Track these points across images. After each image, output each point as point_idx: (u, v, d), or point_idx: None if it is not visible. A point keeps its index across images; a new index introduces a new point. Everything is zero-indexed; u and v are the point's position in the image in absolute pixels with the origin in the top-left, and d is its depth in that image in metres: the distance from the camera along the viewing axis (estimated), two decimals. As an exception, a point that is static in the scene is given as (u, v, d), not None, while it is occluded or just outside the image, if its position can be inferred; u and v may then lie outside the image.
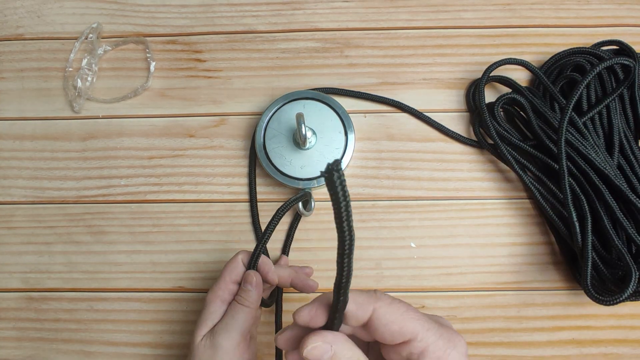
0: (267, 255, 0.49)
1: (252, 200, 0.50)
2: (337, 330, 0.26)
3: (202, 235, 0.50)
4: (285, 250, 0.49)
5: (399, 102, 0.51)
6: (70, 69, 0.54)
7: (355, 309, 0.26)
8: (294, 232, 0.49)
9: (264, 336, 0.48)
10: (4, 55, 0.55)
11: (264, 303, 0.40)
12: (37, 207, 0.51)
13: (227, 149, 0.51)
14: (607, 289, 0.41)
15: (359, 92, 0.51)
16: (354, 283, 0.48)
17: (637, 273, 0.39)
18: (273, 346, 0.47)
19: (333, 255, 0.22)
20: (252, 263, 0.38)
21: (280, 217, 0.39)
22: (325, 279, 0.48)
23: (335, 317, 0.25)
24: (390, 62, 0.53)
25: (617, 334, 0.47)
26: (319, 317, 0.27)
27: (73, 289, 0.49)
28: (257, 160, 0.50)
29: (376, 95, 0.51)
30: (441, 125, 0.50)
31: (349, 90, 0.51)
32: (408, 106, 0.51)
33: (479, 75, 0.50)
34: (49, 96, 0.53)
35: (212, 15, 0.54)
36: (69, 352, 0.48)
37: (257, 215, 0.49)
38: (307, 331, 0.26)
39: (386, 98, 0.51)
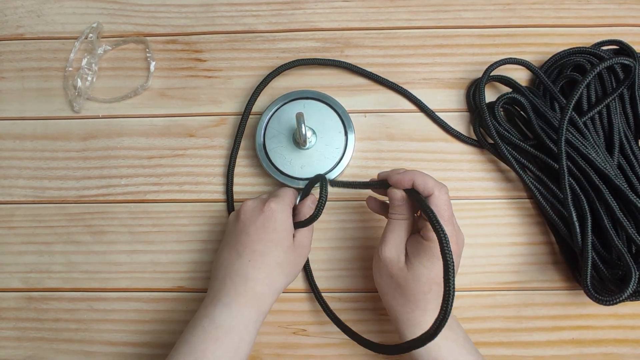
0: None
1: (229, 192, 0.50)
2: None
3: (202, 235, 0.50)
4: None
5: (405, 89, 0.51)
6: (71, 69, 0.54)
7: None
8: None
9: (263, 336, 0.48)
10: (4, 55, 0.55)
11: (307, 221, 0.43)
12: (37, 206, 0.51)
13: (228, 148, 0.51)
14: (607, 288, 0.41)
15: (365, 70, 0.51)
16: (354, 282, 0.48)
17: (637, 273, 0.39)
18: (273, 346, 0.47)
19: (333, 255, 0.22)
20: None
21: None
22: (324, 279, 0.48)
23: None
24: (390, 61, 0.53)
25: (617, 334, 0.47)
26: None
27: (73, 289, 0.49)
28: (257, 160, 0.50)
29: (383, 78, 0.51)
30: (443, 121, 0.50)
31: (353, 65, 0.52)
32: (413, 95, 0.51)
33: (479, 75, 0.50)
34: (49, 96, 0.53)
35: (212, 14, 0.54)
36: (69, 352, 0.48)
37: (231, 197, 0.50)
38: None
39: (391, 82, 0.51)
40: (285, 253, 0.41)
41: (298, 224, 0.43)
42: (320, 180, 0.43)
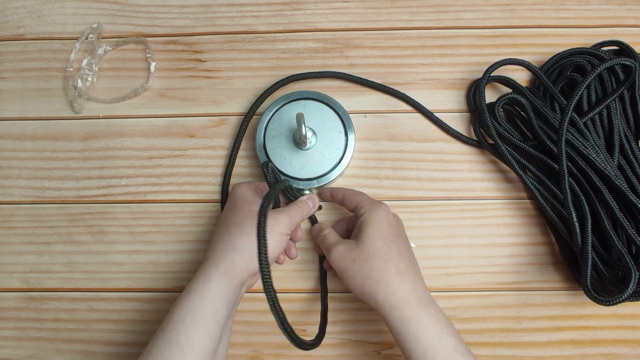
0: None
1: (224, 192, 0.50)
2: None
3: (203, 235, 0.50)
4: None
5: (403, 93, 0.51)
6: (71, 69, 0.54)
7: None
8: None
9: (263, 336, 0.48)
10: (5, 55, 0.55)
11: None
12: (38, 207, 0.51)
13: (228, 148, 0.51)
14: (607, 289, 0.41)
15: (364, 79, 0.51)
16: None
17: (637, 273, 0.39)
18: (273, 346, 0.47)
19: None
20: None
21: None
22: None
23: None
24: (390, 62, 0.53)
25: (617, 334, 0.47)
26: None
27: (73, 289, 0.49)
28: (257, 161, 0.50)
29: (381, 84, 0.51)
30: (443, 122, 0.50)
31: (352, 76, 0.52)
32: (412, 98, 0.51)
33: (479, 75, 0.50)
34: (49, 96, 0.53)
35: (212, 15, 0.55)
36: (69, 352, 0.48)
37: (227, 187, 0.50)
38: None
39: (391, 88, 0.51)
40: (246, 215, 0.41)
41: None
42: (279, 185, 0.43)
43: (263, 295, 0.48)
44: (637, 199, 0.42)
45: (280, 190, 0.42)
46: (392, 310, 0.38)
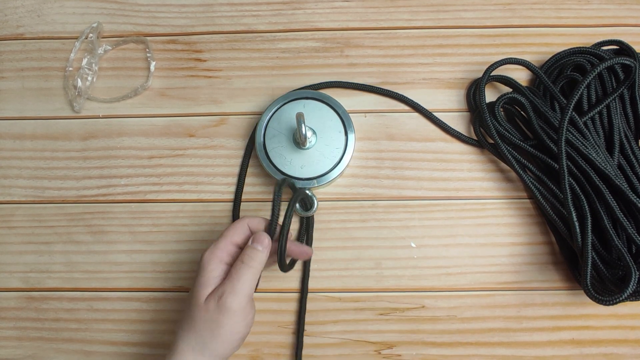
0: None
1: (237, 199, 0.50)
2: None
3: (202, 235, 0.50)
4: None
5: (402, 95, 0.51)
6: (71, 69, 0.54)
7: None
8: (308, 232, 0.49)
9: (263, 335, 0.48)
10: (5, 54, 0.55)
11: (284, 268, 0.39)
12: (37, 206, 0.51)
13: (228, 148, 0.51)
14: (607, 289, 0.41)
15: (362, 84, 0.51)
16: (354, 282, 0.48)
17: (637, 273, 0.39)
18: (273, 346, 0.47)
19: (333, 255, 0.22)
20: (271, 229, 0.38)
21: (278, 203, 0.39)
22: (325, 279, 0.48)
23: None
24: (390, 61, 0.53)
25: (617, 334, 0.47)
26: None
27: (73, 289, 0.49)
28: (257, 161, 0.50)
29: (379, 87, 0.51)
30: (442, 122, 0.50)
31: (351, 83, 0.51)
32: (410, 99, 0.51)
33: (480, 75, 0.50)
34: (49, 96, 0.53)
35: (212, 14, 0.54)
36: (69, 352, 0.48)
37: (238, 212, 0.50)
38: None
39: (389, 90, 0.51)
40: (197, 307, 0.36)
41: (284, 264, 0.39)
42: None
43: (263, 295, 0.48)
44: (637, 199, 0.42)
45: (288, 226, 0.38)
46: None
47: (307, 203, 0.48)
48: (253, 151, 0.51)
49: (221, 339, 0.35)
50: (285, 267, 0.39)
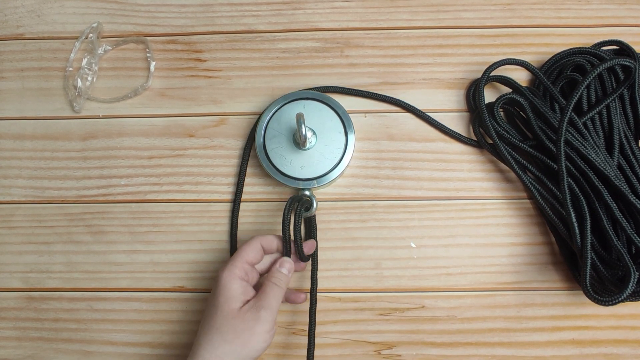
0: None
1: (236, 200, 0.50)
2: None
3: (202, 235, 0.50)
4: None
5: (399, 100, 0.51)
6: (71, 69, 0.54)
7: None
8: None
9: (263, 336, 0.48)
10: (4, 54, 0.55)
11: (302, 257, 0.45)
12: (37, 206, 0.51)
13: (228, 148, 0.51)
14: (606, 289, 0.41)
15: (359, 90, 0.51)
16: (354, 282, 0.48)
17: (636, 274, 0.39)
18: (273, 346, 0.47)
19: (333, 255, 0.22)
20: (286, 251, 0.44)
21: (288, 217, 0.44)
22: (325, 279, 0.48)
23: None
24: (390, 62, 0.53)
25: (617, 334, 0.47)
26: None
27: (73, 289, 0.49)
28: (257, 161, 0.50)
29: (377, 94, 0.51)
30: (441, 124, 0.50)
31: (349, 89, 0.51)
32: (408, 104, 0.51)
33: (479, 75, 0.50)
34: (49, 96, 0.53)
35: (212, 14, 0.54)
36: (69, 352, 0.48)
37: (237, 213, 0.50)
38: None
39: (387, 96, 0.51)
40: (225, 318, 0.39)
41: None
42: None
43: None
44: (637, 200, 0.42)
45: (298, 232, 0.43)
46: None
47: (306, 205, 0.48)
48: (253, 151, 0.51)
49: (250, 346, 0.39)
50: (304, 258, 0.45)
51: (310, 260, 0.46)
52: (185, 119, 0.52)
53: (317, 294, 0.47)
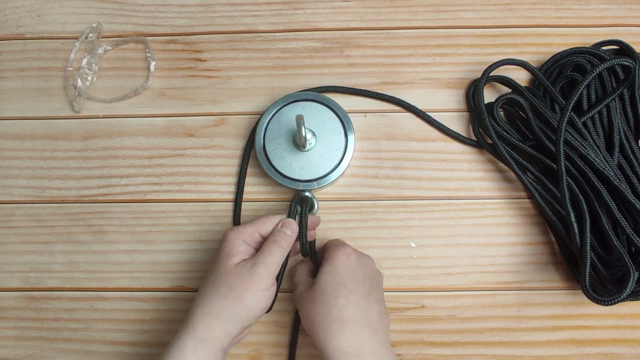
0: None
1: (238, 201, 0.50)
2: None
3: (202, 235, 0.50)
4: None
5: (400, 99, 0.51)
6: (71, 69, 0.54)
7: None
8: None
9: (263, 335, 0.48)
10: (4, 54, 0.55)
11: (304, 251, 0.44)
12: (38, 206, 0.51)
13: (227, 148, 0.51)
14: (605, 289, 0.42)
15: (360, 89, 0.51)
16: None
17: (636, 273, 0.39)
18: (273, 346, 0.47)
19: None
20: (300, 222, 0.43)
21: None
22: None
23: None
24: (390, 62, 0.53)
25: (617, 333, 0.47)
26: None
27: (73, 289, 0.49)
28: (257, 162, 0.50)
29: (377, 93, 0.51)
30: (441, 124, 0.50)
31: (349, 88, 0.51)
32: (408, 103, 0.51)
33: (479, 75, 0.50)
34: (49, 96, 0.53)
35: (212, 14, 0.54)
36: (69, 351, 0.48)
37: (239, 214, 0.50)
38: None
39: (387, 95, 0.51)
40: (222, 273, 0.39)
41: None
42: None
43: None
44: (637, 200, 0.42)
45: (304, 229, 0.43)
46: (327, 358, 0.37)
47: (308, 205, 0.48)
48: (252, 152, 0.51)
49: (244, 303, 0.37)
50: (305, 252, 0.44)
51: (311, 260, 0.46)
52: (185, 119, 0.52)
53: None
